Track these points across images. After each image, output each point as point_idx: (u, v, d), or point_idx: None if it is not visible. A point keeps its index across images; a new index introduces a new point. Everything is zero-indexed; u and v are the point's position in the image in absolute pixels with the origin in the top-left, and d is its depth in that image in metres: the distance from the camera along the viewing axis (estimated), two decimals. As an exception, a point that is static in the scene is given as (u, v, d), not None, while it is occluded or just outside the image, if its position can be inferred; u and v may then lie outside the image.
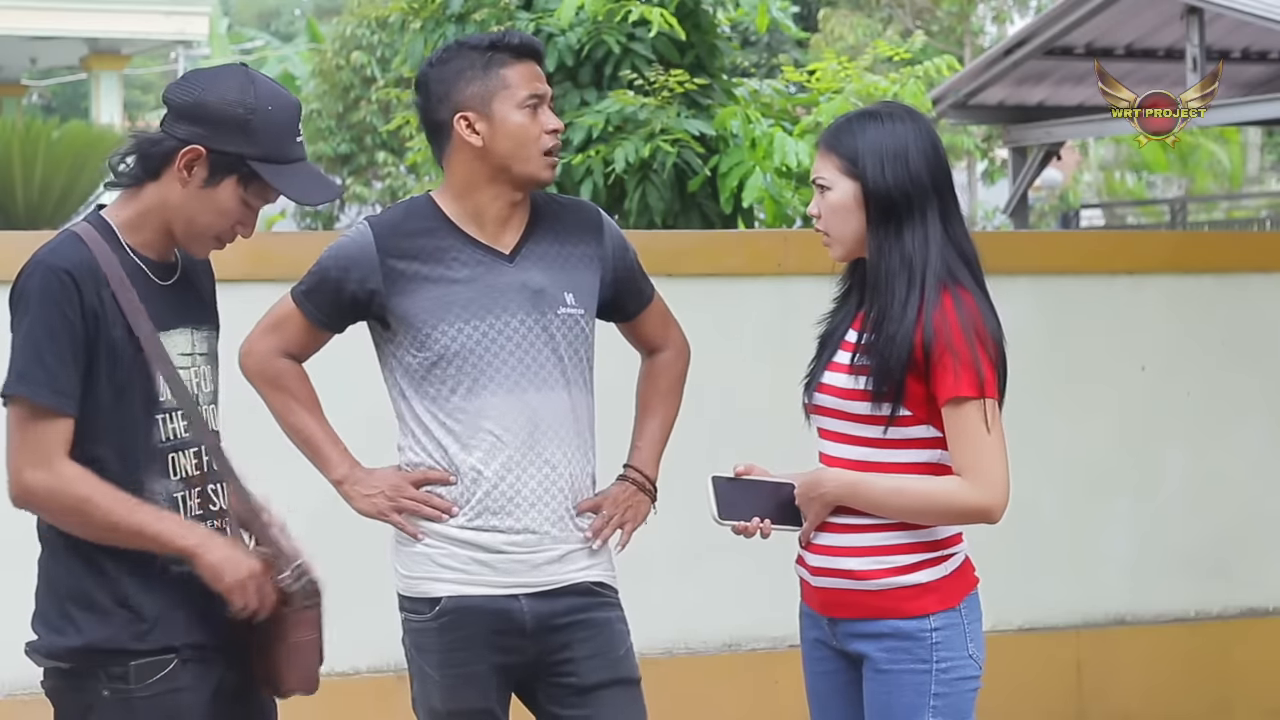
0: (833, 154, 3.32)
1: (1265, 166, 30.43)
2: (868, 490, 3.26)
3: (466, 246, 3.50)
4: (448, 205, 3.55)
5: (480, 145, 3.49)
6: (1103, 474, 6.08)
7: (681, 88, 7.28)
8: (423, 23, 7.83)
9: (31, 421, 3.00)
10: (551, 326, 3.50)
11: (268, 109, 3.06)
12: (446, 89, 3.52)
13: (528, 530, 3.48)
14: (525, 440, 3.47)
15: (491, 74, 3.49)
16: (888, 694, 3.29)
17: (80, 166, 17.00)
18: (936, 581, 3.29)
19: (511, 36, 3.54)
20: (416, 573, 3.52)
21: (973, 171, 25.98)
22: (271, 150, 3.06)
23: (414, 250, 3.49)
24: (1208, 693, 6.12)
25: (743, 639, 5.69)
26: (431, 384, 3.49)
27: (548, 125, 3.50)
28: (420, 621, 3.53)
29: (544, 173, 3.52)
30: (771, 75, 16.06)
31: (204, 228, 3.10)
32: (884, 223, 3.27)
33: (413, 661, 3.58)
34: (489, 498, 3.47)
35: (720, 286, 5.73)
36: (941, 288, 3.25)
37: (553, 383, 3.50)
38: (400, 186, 18.82)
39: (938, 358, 3.21)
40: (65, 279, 3.00)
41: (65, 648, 3.06)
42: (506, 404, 3.47)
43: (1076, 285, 6.09)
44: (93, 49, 23.21)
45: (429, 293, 3.47)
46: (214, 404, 3.20)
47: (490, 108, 3.48)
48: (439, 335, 3.46)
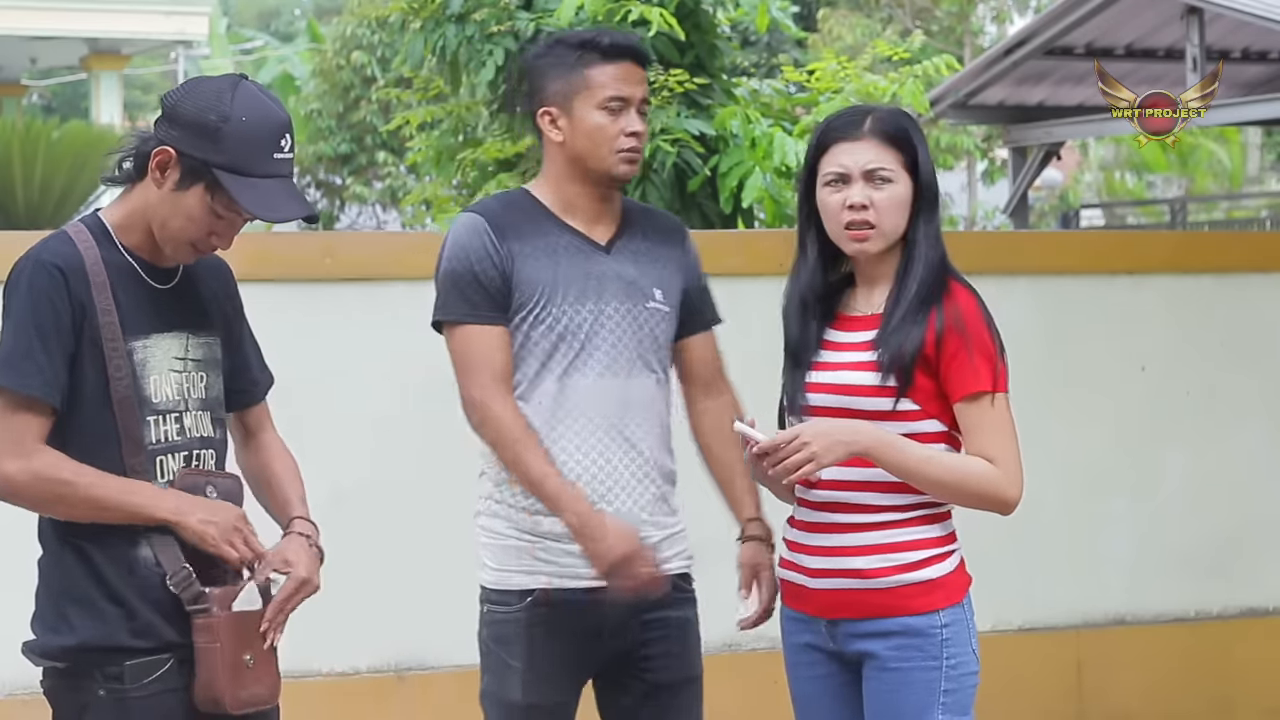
0: (894, 147, 3.32)
1: (1265, 166, 30.42)
2: (901, 452, 3.24)
3: (566, 233, 3.57)
4: (544, 195, 3.62)
5: (561, 141, 3.57)
6: (1102, 474, 6.08)
7: (681, 88, 7.27)
8: (423, 23, 7.82)
9: (13, 412, 3.01)
10: (642, 317, 3.59)
11: (241, 119, 3.02)
12: (537, 83, 3.61)
13: (619, 514, 3.51)
14: (615, 424, 3.53)
15: (577, 73, 3.56)
16: (895, 692, 3.29)
17: (80, 166, 16.96)
18: (943, 578, 3.30)
19: (603, 36, 3.60)
20: (508, 565, 3.55)
21: (973, 171, 25.95)
22: (238, 161, 3.02)
23: (522, 232, 3.54)
24: (1208, 692, 6.12)
25: (743, 639, 5.68)
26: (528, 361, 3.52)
27: (627, 128, 3.55)
28: (507, 613, 3.55)
29: (619, 169, 3.57)
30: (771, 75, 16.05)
31: (175, 232, 3.09)
32: (929, 218, 3.33)
33: (491, 654, 3.60)
34: (580, 480, 3.50)
35: (720, 286, 5.69)
36: (947, 279, 3.32)
37: (641, 370, 3.58)
38: (400, 186, 18.80)
39: (952, 353, 3.24)
40: (55, 272, 3.02)
41: (61, 647, 3.07)
42: (598, 387, 3.53)
43: (1076, 285, 6.08)
44: (93, 49, 23.18)
45: (542, 271, 3.52)
46: (206, 410, 3.18)
47: (571, 105, 3.56)
48: (550, 314, 3.51)
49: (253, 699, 3.10)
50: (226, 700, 3.05)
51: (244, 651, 3.07)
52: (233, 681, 3.05)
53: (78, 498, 3.01)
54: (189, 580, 3.05)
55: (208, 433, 3.18)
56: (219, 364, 3.24)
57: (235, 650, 3.06)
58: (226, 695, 3.05)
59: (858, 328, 3.36)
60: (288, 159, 3.09)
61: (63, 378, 3.02)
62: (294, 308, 5.34)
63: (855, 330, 3.36)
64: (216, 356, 3.23)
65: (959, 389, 3.25)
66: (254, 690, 3.09)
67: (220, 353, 3.24)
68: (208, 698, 3.07)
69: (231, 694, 3.06)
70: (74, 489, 3.01)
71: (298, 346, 5.30)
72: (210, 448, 3.18)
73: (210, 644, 3.05)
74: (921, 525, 3.30)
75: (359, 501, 5.26)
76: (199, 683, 3.06)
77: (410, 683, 5.34)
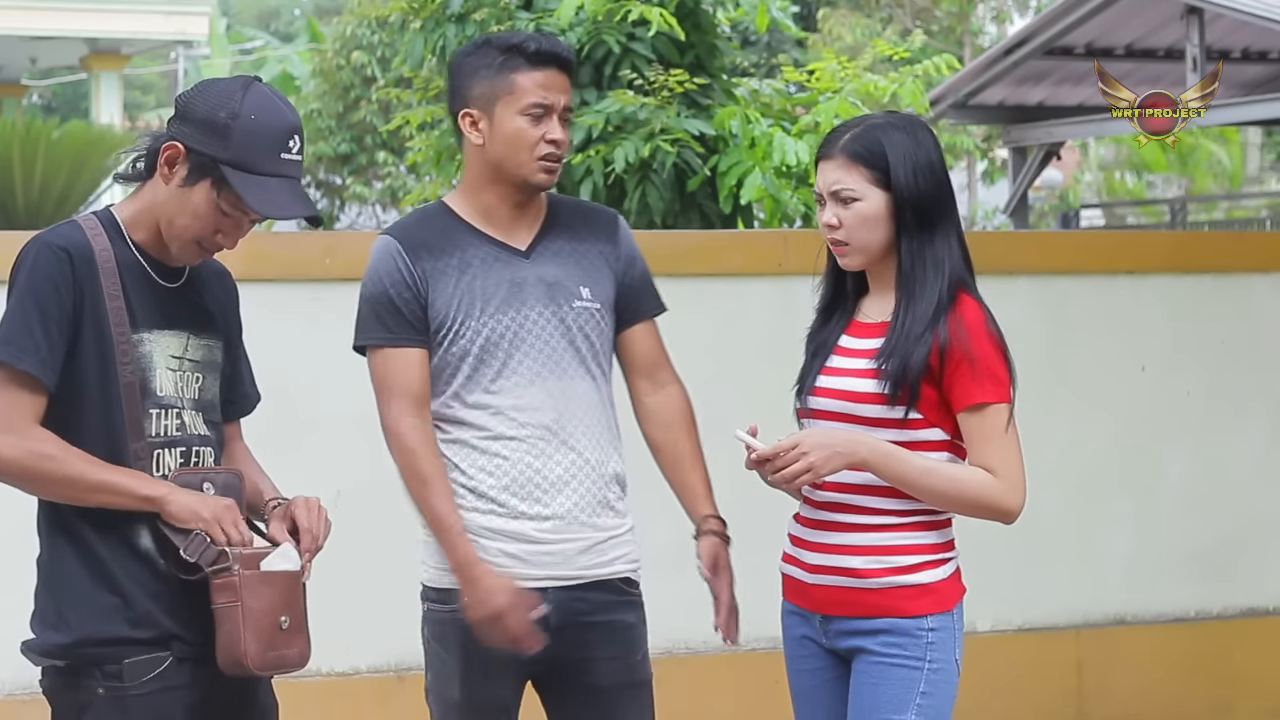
0: (860, 165, 3.33)
1: (1265, 166, 30.41)
2: (900, 462, 3.27)
3: (484, 244, 3.54)
4: (461, 205, 3.59)
5: (480, 144, 3.54)
6: (1103, 474, 6.08)
7: (681, 87, 7.27)
8: (423, 23, 7.82)
9: (8, 388, 3.01)
10: (569, 318, 3.54)
11: (250, 117, 3.05)
12: (461, 83, 3.57)
13: (556, 516, 3.51)
14: (549, 426, 3.51)
15: (502, 76, 3.52)
16: (875, 685, 3.32)
17: (80, 166, 16.96)
18: (935, 584, 3.33)
19: (531, 42, 3.55)
20: (444, 564, 3.53)
21: (973, 171, 25.94)
22: (245, 158, 3.04)
23: (435, 249, 3.52)
24: (1208, 693, 6.12)
25: (743, 639, 5.68)
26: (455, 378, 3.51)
27: (548, 134, 3.52)
28: (444, 612, 3.55)
29: (537, 176, 3.54)
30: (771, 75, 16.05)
31: (181, 229, 3.10)
32: (917, 231, 3.31)
33: (432, 652, 3.61)
34: (515, 484, 3.49)
35: (720, 286, 5.73)
36: (957, 292, 3.31)
37: (573, 372, 3.54)
38: (400, 186, 18.79)
39: (956, 363, 3.26)
40: (61, 255, 3.04)
41: (60, 645, 3.06)
42: (529, 393, 3.50)
43: (1076, 285, 6.09)
44: (93, 49, 23.17)
45: (456, 288, 3.50)
46: (199, 410, 3.17)
47: (493, 109, 3.52)
48: (469, 328, 3.49)
49: (280, 661, 3.07)
50: (250, 660, 3.01)
51: (280, 613, 3.05)
52: (259, 640, 3.01)
53: (61, 474, 3.00)
54: (205, 544, 3.02)
55: (204, 431, 3.18)
56: (218, 367, 3.24)
57: (265, 610, 3.02)
58: (250, 655, 3.00)
59: (867, 335, 3.39)
60: (296, 161, 3.11)
61: (59, 359, 3.02)
62: (294, 308, 5.34)
63: (864, 337, 3.39)
64: (216, 360, 3.23)
65: (961, 400, 3.28)
66: (283, 652, 3.06)
67: (220, 356, 3.24)
68: (229, 658, 3.02)
69: (258, 654, 3.01)
70: (59, 464, 2.99)
71: (298, 346, 5.30)
72: (209, 445, 3.18)
73: (230, 603, 3.01)
74: (918, 531, 3.33)
75: (359, 501, 5.25)
76: (219, 644, 3.02)
77: (410, 683, 5.33)
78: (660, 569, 5.33)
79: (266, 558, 3.06)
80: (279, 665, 3.08)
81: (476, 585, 3.43)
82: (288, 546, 3.10)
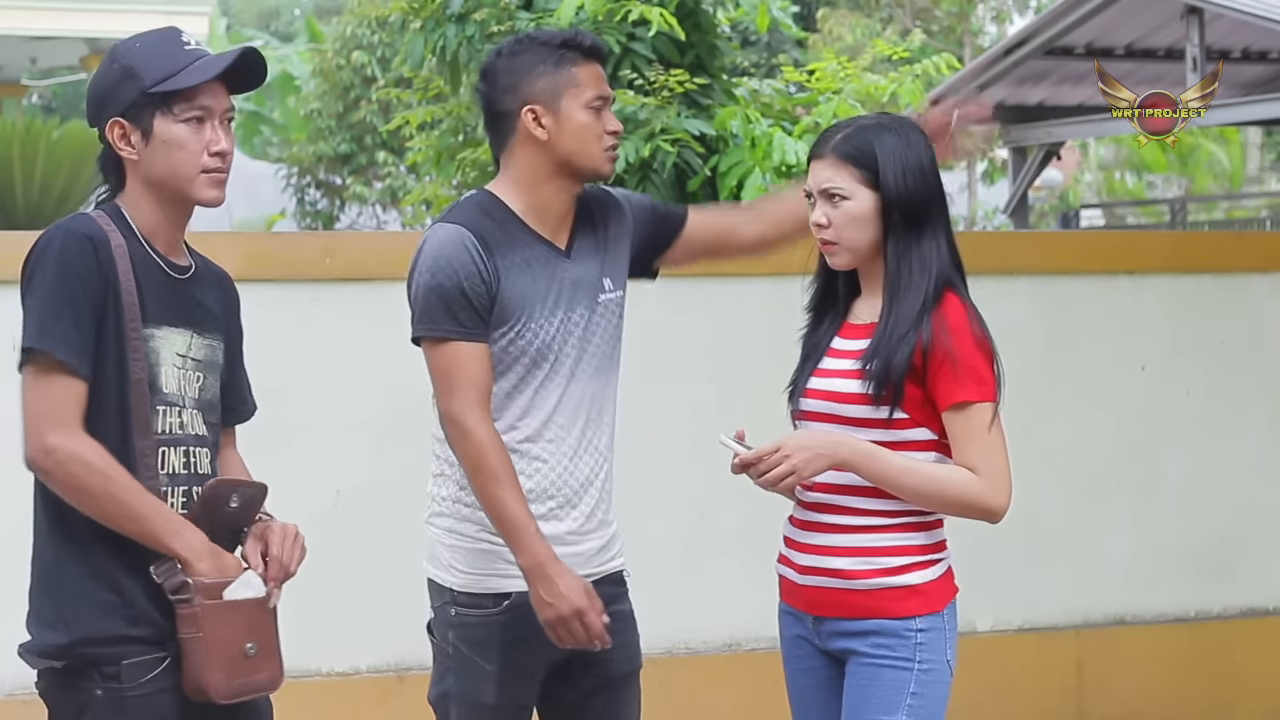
0: (849, 165, 3.34)
1: (1265, 166, 30.41)
2: (881, 462, 3.28)
3: (537, 243, 3.56)
4: (511, 200, 3.58)
5: (545, 139, 3.54)
6: (1103, 474, 6.08)
7: (681, 87, 7.27)
8: (423, 23, 7.81)
9: (52, 378, 2.98)
10: (598, 316, 3.60)
11: (136, 46, 3.12)
12: (515, 80, 3.56)
13: (582, 517, 3.56)
14: (582, 429, 3.56)
15: (562, 71, 3.54)
16: (866, 687, 3.34)
17: (80, 166, 16.94)
18: (923, 585, 3.34)
19: (584, 37, 3.60)
20: (479, 568, 3.55)
21: (973, 171, 25.94)
22: (159, 69, 3.08)
23: (503, 245, 3.52)
24: (1208, 693, 6.13)
25: (743, 639, 5.69)
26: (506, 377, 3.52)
27: (609, 126, 3.58)
28: (481, 616, 3.55)
29: (605, 166, 3.59)
30: (771, 75, 16.05)
31: (180, 170, 3.10)
32: (905, 231, 3.32)
33: (460, 657, 3.58)
34: (553, 486, 3.53)
35: (720, 286, 5.74)
36: (943, 292, 3.32)
37: (605, 369, 3.61)
38: (400, 186, 18.79)
39: (938, 362, 3.27)
40: (85, 242, 3.02)
41: (58, 645, 3.05)
42: (568, 396, 3.54)
43: (1076, 285, 6.09)
44: (93, 49, 23.14)
45: (520, 286, 3.51)
46: (199, 410, 3.16)
47: (558, 103, 3.54)
48: (529, 329, 3.51)
49: (249, 688, 3.07)
50: (212, 691, 3.01)
51: (244, 640, 3.05)
52: (222, 671, 3.02)
53: (106, 494, 2.98)
54: (172, 570, 3.02)
55: (202, 432, 3.17)
56: (219, 368, 3.23)
57: (228, 640, 3.03)
58: (212, 686, 3.01)
59: (856, 336, 3.41)
60: (199, 48, 3.15)
61: (90, 349, 3.00)
62: (294, 308, 5.34)
63: (853, 339, 3.41)
64: (218, 360, 3.23)
65: (945, 399, 3.29)
66: (253, 679, 3.07)
67: (222, 357, 3.24)
68: (194, 688, 3.03)
69: (221, 685, 3.02)
70: (108, 483, 2.97)
71: (298, 346, 5.30)
72: (205, 446, 3.17)
73: (194, 634, 3.01)
74: (906, 532, 3.34)
75: (358, 501, 5.26)
76: (185, 674, 3.03)
77: (410, 683, 5.33)
78: (659, 571, 5.34)
79: (229, 586, 3.05)
80: (247, 691, 3.08)
81: (555, 584, 3.40)
82: (251, 574, 3.09)
